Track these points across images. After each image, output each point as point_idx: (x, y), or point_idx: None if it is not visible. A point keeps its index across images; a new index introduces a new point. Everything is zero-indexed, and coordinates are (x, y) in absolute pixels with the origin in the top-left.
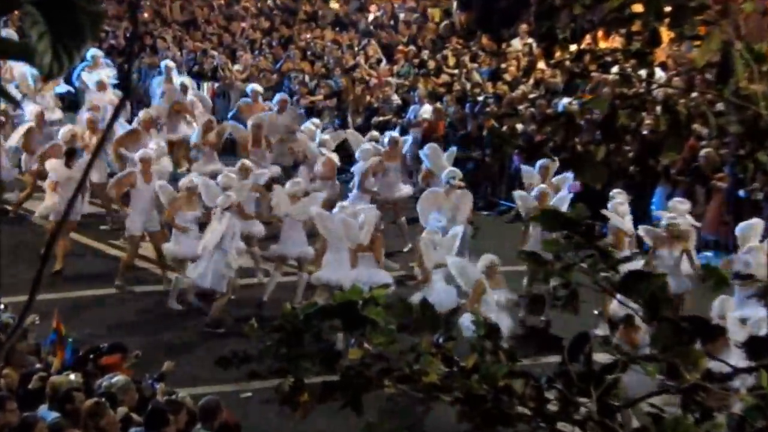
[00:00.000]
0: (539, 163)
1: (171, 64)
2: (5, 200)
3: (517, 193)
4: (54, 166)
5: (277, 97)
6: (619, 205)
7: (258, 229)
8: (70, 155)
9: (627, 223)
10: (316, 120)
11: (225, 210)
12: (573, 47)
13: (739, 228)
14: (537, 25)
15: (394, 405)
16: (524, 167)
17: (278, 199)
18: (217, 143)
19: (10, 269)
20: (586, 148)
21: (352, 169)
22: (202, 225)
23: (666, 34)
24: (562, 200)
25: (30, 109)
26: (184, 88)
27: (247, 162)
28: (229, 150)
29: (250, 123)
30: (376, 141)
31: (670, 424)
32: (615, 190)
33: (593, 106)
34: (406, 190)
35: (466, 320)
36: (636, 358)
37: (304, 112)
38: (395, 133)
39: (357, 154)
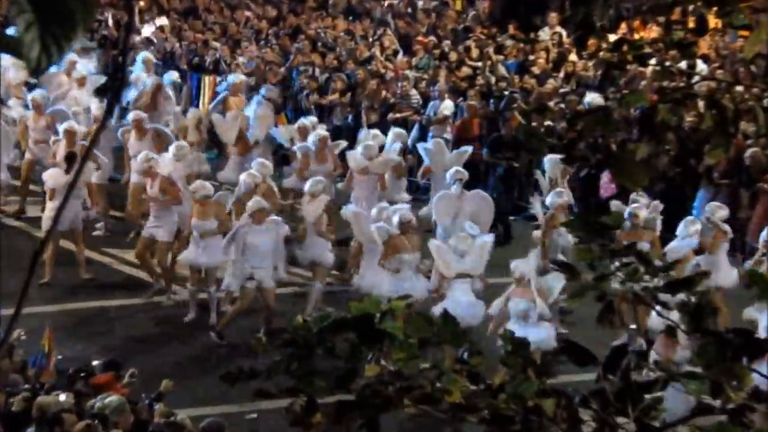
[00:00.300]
0: (552, 163)
1: (150, 56)
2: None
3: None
4: (52, 174)
5: (263, 91)
6: (637, 210)
7: None
8: (70, 161)
9: None
10: (313, 118)
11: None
12: (609, 37)
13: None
14: (572, 12)
15: (415, 426)
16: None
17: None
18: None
19: (8, 279)
20: (623, 146)
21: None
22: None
23: (713, 22)
24: None
25: (31, 97)
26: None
27: (266, 162)
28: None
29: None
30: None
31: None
32: (635, 194)
33: (632, 101)
34: (405, 194)
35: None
36: (677, 375)
37: (314, 109)
38: (399, 130)
39: (360, 152)
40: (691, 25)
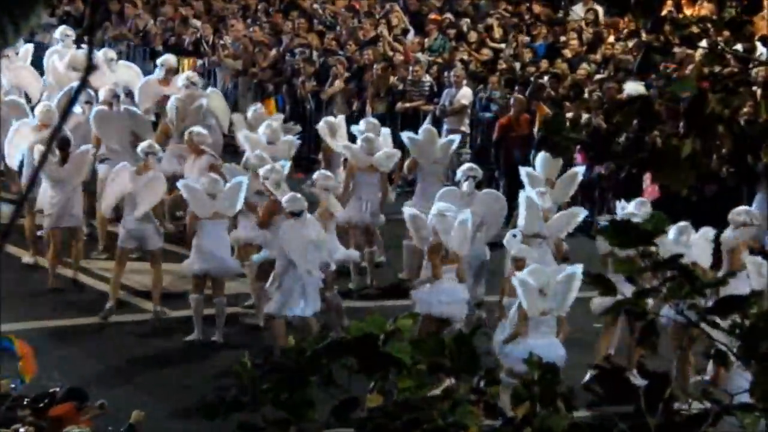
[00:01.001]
0: (547, 160)
1: (69, 31)
2: None
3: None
4: (49, 165)
5: (186, 75)
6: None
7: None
8: (64, 147)
9: None
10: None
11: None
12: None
13: None
14: None
15: None
16: (523, 170)
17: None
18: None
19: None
20: (666, 142)
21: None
22: None
23: None
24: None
25: None
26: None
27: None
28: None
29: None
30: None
31: None
32: (638, 199)
33: (677, 89)
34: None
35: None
36: (730, 407)
37: (311, 97)
38: (373, 120)
39: (361, 146)
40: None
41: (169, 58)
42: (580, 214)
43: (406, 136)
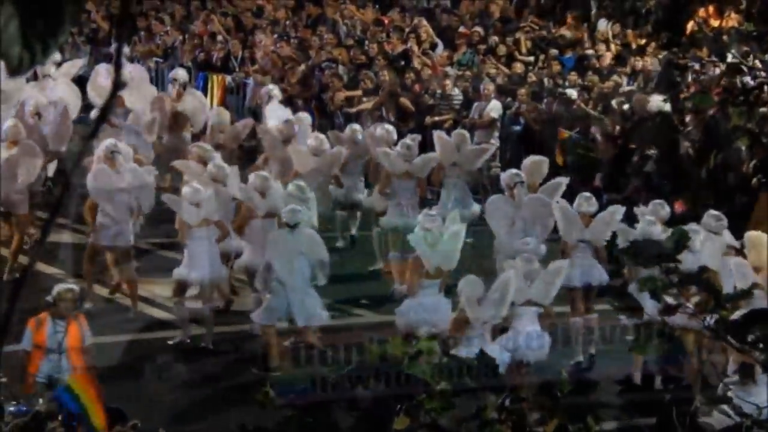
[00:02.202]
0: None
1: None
2: None
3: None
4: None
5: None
6: (650, 226)
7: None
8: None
9: None
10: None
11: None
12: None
13: None
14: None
15: None
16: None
17: None
18: None
19: None
20: (688, 156)
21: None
22: None
23: None
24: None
25: None
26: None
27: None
28: None
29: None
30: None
31: None
32: (656, 201)
33: (697, 103)
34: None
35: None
36: (762, 421)
37: (340, 112)
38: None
39: (398, 153)
40: None
41: (180, 72)
42: (619, 211)
43: (436, 134)
